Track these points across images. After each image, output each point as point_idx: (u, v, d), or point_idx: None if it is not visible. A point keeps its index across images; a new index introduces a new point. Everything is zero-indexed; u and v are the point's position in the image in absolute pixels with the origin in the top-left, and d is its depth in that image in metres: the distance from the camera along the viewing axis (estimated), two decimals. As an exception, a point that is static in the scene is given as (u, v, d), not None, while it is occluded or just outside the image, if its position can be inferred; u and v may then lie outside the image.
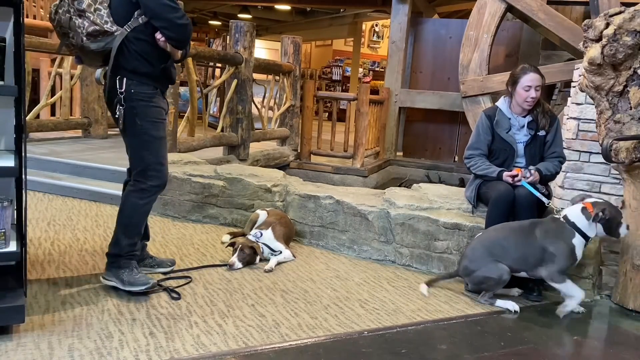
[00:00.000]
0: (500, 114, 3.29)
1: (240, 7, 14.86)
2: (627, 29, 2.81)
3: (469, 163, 3.30)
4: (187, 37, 2.55)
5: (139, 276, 2.63)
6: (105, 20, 2.43)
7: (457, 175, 7.72)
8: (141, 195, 2.61)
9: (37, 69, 6.62)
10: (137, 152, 2.61)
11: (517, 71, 3.24)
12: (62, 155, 4.96)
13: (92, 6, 2.41)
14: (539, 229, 2.80)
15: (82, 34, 2.41)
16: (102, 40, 2.44)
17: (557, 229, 2.76)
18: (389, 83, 8.08)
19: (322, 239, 3.68)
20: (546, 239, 2.75)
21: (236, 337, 2.29)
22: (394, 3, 7.94)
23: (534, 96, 3.16)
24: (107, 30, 2.43)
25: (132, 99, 2.52)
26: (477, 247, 2.90)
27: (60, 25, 2.46)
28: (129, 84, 2.51)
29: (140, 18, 2.47)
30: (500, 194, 3.08)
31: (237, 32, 5.60)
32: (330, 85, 18.15)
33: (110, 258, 2.65)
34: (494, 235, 2.92)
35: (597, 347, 2.53)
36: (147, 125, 2.56)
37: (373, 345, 2.33)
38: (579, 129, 4.22)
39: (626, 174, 3.02)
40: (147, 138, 2.58)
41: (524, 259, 2.79)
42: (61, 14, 2.43)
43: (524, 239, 2.81)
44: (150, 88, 2.57)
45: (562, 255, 2.71)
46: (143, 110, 2.54)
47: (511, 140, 3.25)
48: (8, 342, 2.09)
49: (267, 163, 6.20)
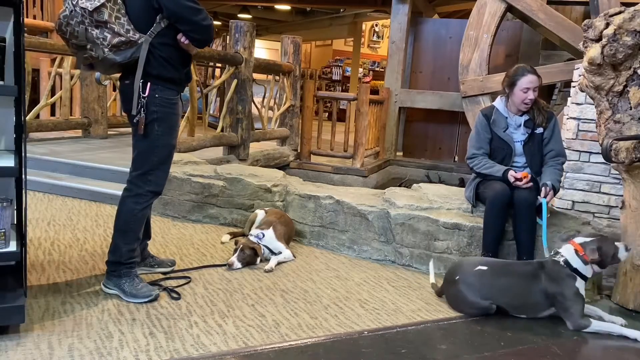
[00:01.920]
0: (497, 112, 3.29)
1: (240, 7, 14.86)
2: (627, 29, 2.81)
3: (472, 163, 3.29)
4: (211, 37, 2.52)
5: (141, 287, 2.59)
6: (127, 28, 2.36)
7: (457, 175, 7.72)
8: (137, 200, 2.57)
9: (37, 69, 6.63)
10: (145, 155, 2.56)
11: (513, 72, 3.23)
12: (62, 155, 4.96)
13: (112, 16, 2.32)
14: (541, 272, 2.66)
15: (105, 46, 2.33)
16: (127, 51, 2.37)
17: (559, 273, 2.63)
18: (389, 83, 8.08)
19: (322, 239, 3.68)
20: (549, 283, 2.63)
21: (236, 337, 2.29)
22: (394, 3, 7.94)
23: (531, 97, 3.16)
24: (131, 40, 2.36)
25: (155, 103, 2.47)
26: (471, 282, 2.73)
27: (75, 37, 2.35)
28: (153, 88, 2.45)
29: (162, 22, 2.42)
30: (497, 194, 3.08)
31: (237, 32, 5.60)
32: (330, 85, 18.16)
33: (111, 266, 2.61)
34: (489, 278, 2.73)
35: (597, 347, 2.53)
36: (164, 132, 2.53)
37: (373, 345, 2.33)
38: (579, 129, 4.23)
39: (626, 174, 3.02)
40: (160, 144, 2.54)
41: (525, 307, 2.69)
42: (74, 25, 2.32)
43: (525, 286, 2.68)
44: (173, 93, 2.55)
45: (573, 300, 2.60)
46: (164, 116, 2.51)
47: (508, 139, 3.25)
48: (8, 342, 2.09)
49: (267, 163, 6.20)
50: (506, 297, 2.69)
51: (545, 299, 2.65)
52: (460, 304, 2.75)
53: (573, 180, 4.27)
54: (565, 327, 2.63)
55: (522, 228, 3.08)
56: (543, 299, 2.65)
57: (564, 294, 2.61)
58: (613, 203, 4.16)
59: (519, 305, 2.70)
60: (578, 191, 4.27)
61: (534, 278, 2.67)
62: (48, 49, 5.31)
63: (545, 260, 2.75)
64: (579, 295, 2.61)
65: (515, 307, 2.71)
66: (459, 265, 2.84)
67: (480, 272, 2.74)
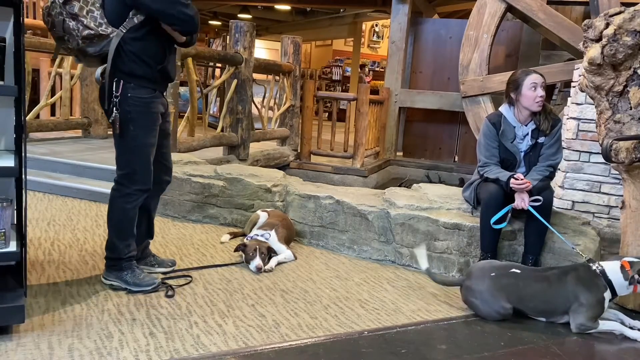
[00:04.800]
0: (506, 122, 3.19)
1: (240, 7, 14.85)
2: (627, 29, 2.81)
3: (482, 170, 3.21)
4: (195, 27, 2.50)
5: (143, 276, 2.65)
6: (99, 22, 2.39)
7: (457, 175, 7.73)
8: (127, 199, 2.59)
9: (37, 69, 6.63)
10: (124, 155, 2.57)
11: (517, 75, 3.17)
12: (62, 155, 4.96)
13: (84, 9, 2.37)
14: (571, 276, 2.64)
15: (78, 38, 2.38)
16: (98, 44, 2.40)
17: (590, 279, 2.60)
18: (389, 83, 8.08)
19: (322, 239, 3.68)
20: (577, 286, 2.60)
21: (236, 337, 2.29)
22: (394, 3, 7.94)
23: (542, 94, 3.07)
24: (102, 34, 2.39)
25: (128, 103, 2.47)
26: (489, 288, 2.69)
27: (54, 28, 2.41)
28: (125, 87, 2.46)
29: (135, 18, 2.42)
30: (491, 195, 3.07)
31: (237, 32, 5.60)
32: (330, 85, 18.15)
33: (110, 262, 2.65)
34: (513, 282, 2.69)
35: (597, 347, 2.53)
36: (139, 132, 2.52)
37: (373, 345, 2.33)
38: (579, 129, 4.23)
39: (626, 174, 3.01)
40: (136, 144, 2.54)
41: (549, 309, 2.66)
42: (54, 17, 2.38)
43: (552, 289, 2.65)
44: (148, 92, 2.53)
45: (592, 306, 2.58)
46: (138, 116, 2.51)
47: (515, 151, 3.19)
48: (8, 342, 2.09)
49: (267, 163, 6.20)
50: (534, 302, 2.66)
51: (569, 301, 2.61)
52: (484, 308, 2.69)
53: (573, 180, 4.27)
54: (564, 327, 2.62)
55: (532, 229, 3.07)
56: (568, 301, 2.61)
57: (587, 298, 2.57)
58: (613, 203, 4.16)
59: (547, 310, 2.66)
60: (578, 191, 4.27)
61: (565, 281, 2.64)
62: (48, 49, 5.31)
63: (577, 264, 2.74)
64: (600, 304, 2.58)
65: (541, 311, 2.68)
66: (484, 269, 2.77)
67: (514, 275, 2.70)
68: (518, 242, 3.20)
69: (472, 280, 2.75)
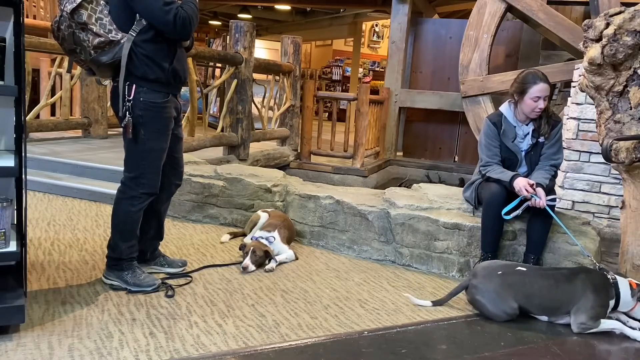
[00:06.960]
0: (506, 122, 3.20)
1: (240, 7, 14.85)
2: (627, 29, 2.81)
3: (485, 169, 3.21)
4: (186, 34, 2.48)
5: (144, 277, 2.66)
6: (109, 29, 2.38)
7: (457, 175, 7.73)
8: (132, 202, 2.59)
9: (37, 69, 6.62)
10: (133, 158, 2.57)
11: (523, 79, 3.12)
12: (62, 155, 4.96)
13: (92, 17, 2.35)
14: (582, 277, 2.64)
15: (89, 48, 2.36)
16: (111, 52, 2.39)
17: (603, 285, 2.62)
18: (389, 83, 8.08)
19: (322, 239, 3.68)
20: (587, 287, 2.61)
21: (236, 337, 2.29)
22: (394, 3, 7.94)
23: (542, 107, 3.07)
24: (112, 40, 2.38)
25: (140, 107, 2.47)
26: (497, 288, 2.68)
27: (65, 42, 2.40)
28: (138, 91, 2.45)
29: (143, 20, 2.43)
30: (493, 195, 3.07)
31: (237, 32, 5.60)
32: (330, 85, 18.15)
33: (111, 261, 2.66)
34: (519, 279, 2.70)
35: (597, 347, 2.53)
36: (150, 136, 2.52)
37: (373, 345, 2.33)
38: (579, 129, 4.23)
39: (626, 174, 3.02)
40: (147, 148, 2.54)
41: (554, 307, 2.66)
42: (64, 30, 2.37)
43: (560, 287, 2.65)
44: (161, 96, 2.52)
45: (596, 308, 2.59)
46: (150, 120, 2.50)
47: (516, 150, 3.19)
48: (8, 342, 2.09)
49: (267, 163, 6.20)
50: (540, 298, 2.66)
51: (575, 300, 2.61)
52: (491, 307, 2.68)
53: (573, 180, 4.27)
54: (565, 327, 2.63)
55: (536, 227, 3.07)
56: (574, 300, 2.62)
57: (595, 299, 2.58)
58: (613, 203, 4.16)
59: (551, 307, 2.67)
60: (578, 191, 4.27)
61: (575, 281, 2.64)
62: (48, 49, 5.31)
63: (589, 268, 2.75)
64: (603, 309, 2.59)
65: (546, 308, 2.68)
66: (490, 268, 2.77)
67: (520, 272, 2.71)
68: (518, 242, 3.20)
69: (478, 279, 2.74)
